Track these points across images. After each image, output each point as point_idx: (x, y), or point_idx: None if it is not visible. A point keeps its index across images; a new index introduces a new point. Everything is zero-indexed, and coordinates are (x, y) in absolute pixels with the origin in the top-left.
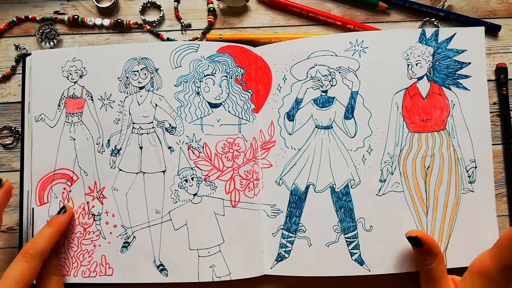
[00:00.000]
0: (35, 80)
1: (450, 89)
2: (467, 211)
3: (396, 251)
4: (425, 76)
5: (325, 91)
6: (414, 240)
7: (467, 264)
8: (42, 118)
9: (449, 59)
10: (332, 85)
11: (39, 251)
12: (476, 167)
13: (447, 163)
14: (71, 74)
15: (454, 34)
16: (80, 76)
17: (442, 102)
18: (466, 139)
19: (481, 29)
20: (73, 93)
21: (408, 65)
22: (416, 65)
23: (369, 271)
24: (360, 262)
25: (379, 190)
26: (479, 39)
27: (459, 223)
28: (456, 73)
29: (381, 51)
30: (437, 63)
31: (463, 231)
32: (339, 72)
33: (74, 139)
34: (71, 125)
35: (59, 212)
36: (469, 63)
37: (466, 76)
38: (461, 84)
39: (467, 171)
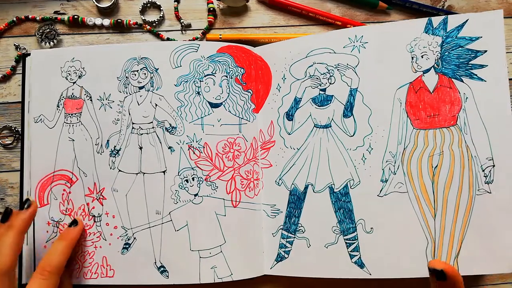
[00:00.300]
0: (34, 81)
1: (462, 81)
2: (483, 214)
3: (399, 255)
4: (432, 68)
5: (324, 90)
6: (439, 274)
7: (481, 273)
8: (41, 119)
9: (460, 48)
10: (330, 83)
11: (55, 267)
12: (494, 165)
13: (458, 162)
14: (70, 75)
15: (466, 21)
16: (79, 77)
17: (453, 95)
18: (482, 135)
19: (499, 12)
20: (72, 93)
21: (412, 57)
22: (422, 57)
23: (370, 274)
24: (360, 264)
25: (381, 191)
26: (497, 23)
27: (473, 227)
28: (470, 63)
29: (382, 45)
30: (446, 53)
31: (478, 236)
32: (338, 70)
33: (73, 140)
34: (70, 125)
35: (70, 225)
36: (485, 51)
37: (482, 66)
38: (476, 74)
39: (483, 170)
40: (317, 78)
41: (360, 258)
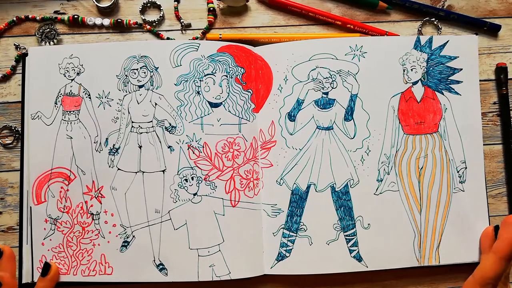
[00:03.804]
0: (32, 77)
1: (442, 94)
2: (459, 209)
3: (392, 247)
4: (419, 81)
5: (326, 93)
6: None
7: (458, 262)
8: (38, 115)
9: (442, 65)
10: (333, 87)
11: None
12: (466, 168)
13: (439, 164)
14: (68, 72)
15: (447, 42)
16: (78, 74)
17: (435, 106)
18: (457, 141)
19: (475, 37)
20: (70, 90)
21: (404, 70)
22: (411, 71)
23: (367, 267)
24: (359, 258)
25: (377, 189)
26: (472, 46)
27: (451, 221)
28: (449, 78)
29: (379, 56)
30: (431, 68)
31: (455, 229)
32: (340, 75)
33: (71, 138)
34: (68, 123)
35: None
36: (461, 69)
37: (458, 82)
38: (453, 89)
39: (458, 172)
40: (320, 82)
41: (359, 252)
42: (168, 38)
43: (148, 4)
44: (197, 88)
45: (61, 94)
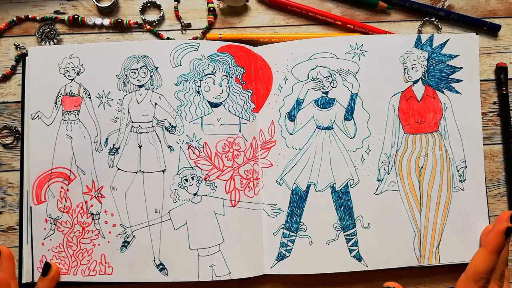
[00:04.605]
0: (32, 77)
1: (443, 93)
2: (459, 209)
3: (392, 247)
4: (420, 79)
5: (326, 93)
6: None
7: (458, 261)
8: (38, 115)
9: (442, 63)
10: (333, 87)
11: None
12: (466, 167)
13: (439, 163)
14: (68, 71)
15: (448, 40)
16: (77, 73)
17: (436, 105)
18: (457, 140)
19: (475, 36)
20: (70, 90)
21: (404, 69)
22: (412, 69)
23: (367, 266)
24: (359, 258)
25: (377, 189)
26: (473, 45)
27: (451, 220)
28: (449, 77)
29: (379, 55)
30: (432, 67)
31: (455, 228)
32: (340, 74)
33: (71, 138)
34: (68, 123)
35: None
36: (461, 68)
37: (458, 80)
38: (454, 87)
39: (458, 171)
40: (320, 81)
41: (359, 252)
42: (168, 38)
43: (148, 4)
44: (197, 88)
45: (61, 94)
